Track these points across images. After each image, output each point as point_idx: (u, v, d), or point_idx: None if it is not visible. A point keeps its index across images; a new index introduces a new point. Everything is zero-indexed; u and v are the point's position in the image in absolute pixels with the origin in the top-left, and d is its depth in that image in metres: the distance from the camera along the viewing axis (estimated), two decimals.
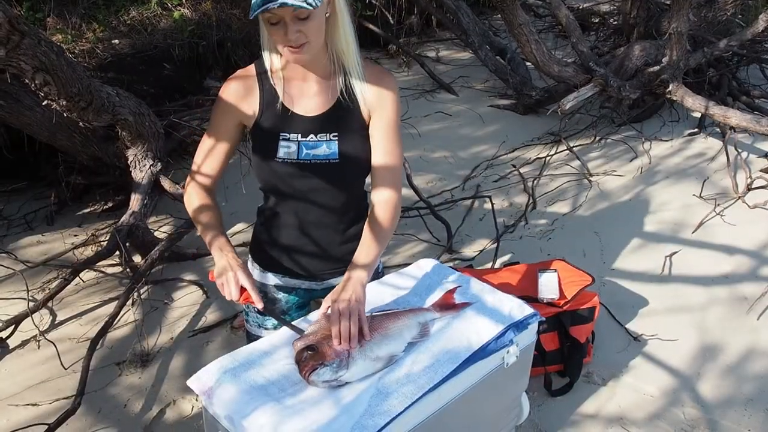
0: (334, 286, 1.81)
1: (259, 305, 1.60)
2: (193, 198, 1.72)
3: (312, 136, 1.63)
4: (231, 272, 1.58)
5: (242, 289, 1.60)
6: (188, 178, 1.76)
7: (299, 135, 1.63)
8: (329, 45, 1.58)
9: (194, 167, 1.74)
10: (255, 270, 1.88)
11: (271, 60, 1.62)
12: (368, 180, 1.74)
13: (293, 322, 1.65)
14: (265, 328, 1.88)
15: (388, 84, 1.65)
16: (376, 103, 1.64)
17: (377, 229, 1.65)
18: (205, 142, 1.71)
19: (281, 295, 1.87)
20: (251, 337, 1.92)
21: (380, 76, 1.65)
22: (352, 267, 1.60)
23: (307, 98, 1.64)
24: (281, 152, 1.63)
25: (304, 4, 1.38)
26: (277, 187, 1.70)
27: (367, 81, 1.63)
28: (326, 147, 1.63)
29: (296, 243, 1.78)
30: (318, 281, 1.84)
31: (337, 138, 1.64)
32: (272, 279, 1.86)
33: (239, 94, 1.65)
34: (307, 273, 1.82)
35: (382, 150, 1.66)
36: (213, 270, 1.63)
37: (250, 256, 1.91)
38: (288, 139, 1.63)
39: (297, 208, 1.73)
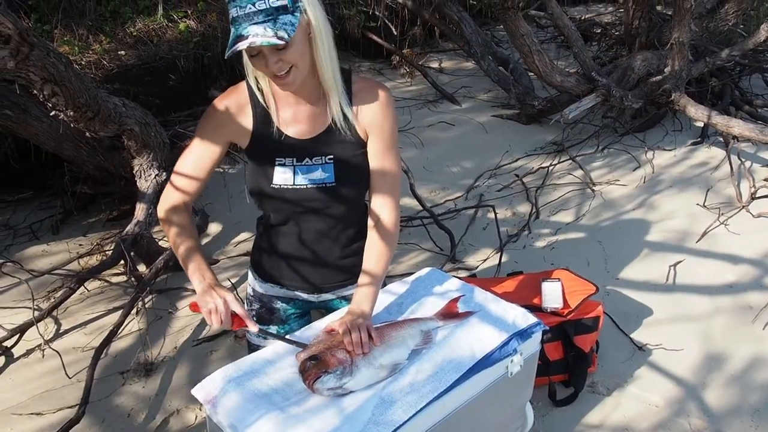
0: (332, 299, 1.84)
1: (254, 329, 1.56)
2: (171, 215, 1.67)
3: (307, 159, 1.61)
4: (220, 299, 1.53)
5: (233, 315, 1.55)
6: (167, 191, 1.69)
7: (294, 159, 1.61)
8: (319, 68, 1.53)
9: (176, 179, 1.68)
10: (254, 280, 1.89)
11: (259, 84, 1.59)
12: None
13: (294, 334, 1.66)
14: (265, 338, 1.89)
15: (382, 98, 1.62)
16: (372, 119, 1.61)
17: (379, 247, 1.65)
18: (192, 156, 1.65)
19: (280, 305, 1.88)
20: (252, 347, 1.92)
21: (373, 91, 1.62)
22: (359, 285, 1.62)
23: (301, 121, 1.61)
24: (277, 178, 1.61)
25: (275, 40, 1.35)
26: (275, 209, 1.70)
27: (359, 98, 1.60)
28: (322, 171, 1.62)
29: (295, 256, 1.78)
30: (316, 294, 1.84)
31: (332, 161, 1.62)
32: (271, 289, 1.86)
33: (232, 112, 1.62)
34: (306, 285, 1.82)
35: (380, 169, 1.65)
36: (194, 299, 1.58)
37: (250, 265, 1.91)
38: (284, 164, 1.61)
39: (295, 226, 1.72)
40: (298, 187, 1.62)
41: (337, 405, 1.39)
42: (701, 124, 4.99)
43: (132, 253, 3.20)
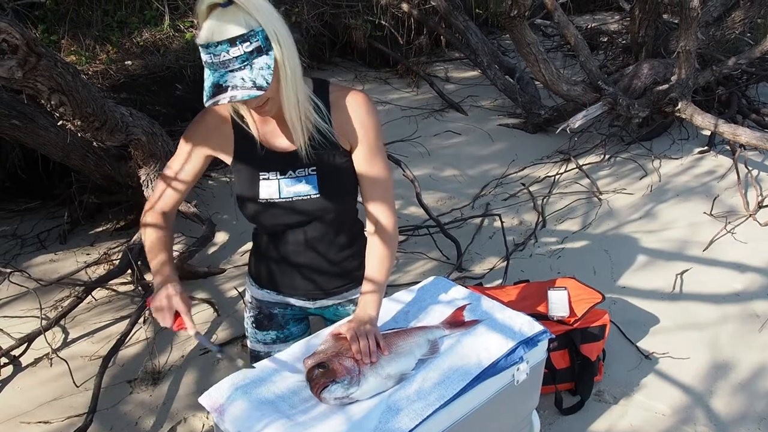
0: (329, 306, 1.85)
1: (191, 331, 1.55)
2: (149, 219, 1.70)
3: (291, 172, 1.61)
4: (166, 300, 1.53)
5: (177, 316, 1.54)
6: (151, 197, 1.73)
7: (278, 173, 1.62)
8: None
9: (159, 188, 1.71)
10: (251, 286, 1.90)
11: (238, 109, 1.59)
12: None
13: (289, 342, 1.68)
14: (264, 343, 1.91)
15: (361, 105, 1.60)
16: (353, 128, 1.60)
17: (380, 252, 1.66)
18: (174, 167, 1.68)
19: (277, 310, 1.89)
20: (252, 353, 1.94)
21: (351, 100, 1.59)
22: (363, 292, 1.63)
23: (281, 135, 1.61)
24: (263, 193, 1.62)
25: (254, 92, 1.34)
26: (265, 223, 1.71)
27: (337, 108, 1.59)
28: (305, 183, 1.62)
29: (288, 264, 1.78)
30: (311, 300, 1.85)
31: (315, 172, 1.62)
32: (267, 296, 1.87)
33: (214, 127, 1.63)
34: (300, 292, 1.83)
35: (370, 176, 1.64)
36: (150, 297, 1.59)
37: (247, 272, 1.93)
38: (267, 178, 1.62)
39: (286, 236, 1.73)
40: (284, 199, 1.63)
41: (344, 413, 1.39)
42: (708, 133, 4.99)
43: (139, 263, 3.22)
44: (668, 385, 2.68)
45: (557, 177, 4.58)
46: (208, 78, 1.37)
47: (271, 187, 1.62)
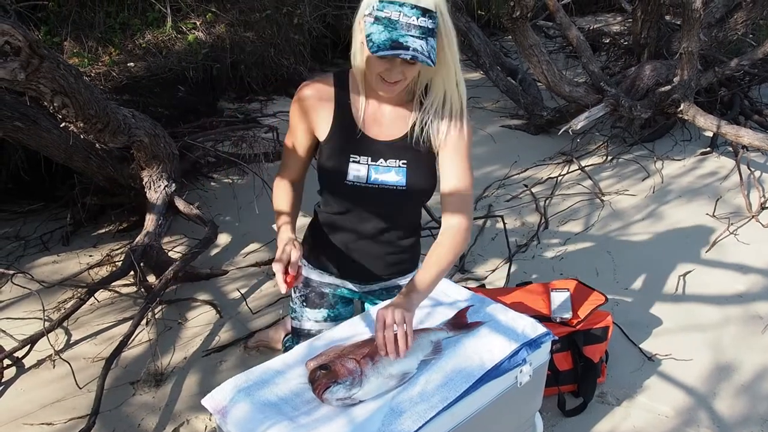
0: (376, 290, 1.92)
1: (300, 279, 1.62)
2: (278, 188, 1.82)
3: (381, 161, 1.66)
4: (282, 260, 1.59)
5: (288, 273, 1.58)
6: (278, 172, 1.85)
7: (369, 158, 1.66)
8: (421, 81, 1.61)
9: (282, 165, 1.84)
10: (305, 266, 1.94)
11: (356, 77, 1.64)
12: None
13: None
14: (316, 321, 1.95)
15: (460, 114, 1.66)
16: (449, 134, 1.65)
17: (443, 255, 1.68)
18: (287, 144, 1.78)
19: (328, 290, 1.94)
20: (299, 332, 1.98)
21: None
22: (409, 286, 1.61)
23: (381, 123, 1.66)
24: (351, 175, 1.66)
25: (429, 62, 1.41)
26: (341, 204, 1.76)
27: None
28: (395, 173, 1.66)
29: (347, 249, 1.83)
30: (363, 284, 1.91)
31: (406, 166, 1.66)
32: (321, 276, 1.93)
33: (314, 102, 1.67)
34: (355, 277, 1.89)
35: (453, 178, 1.68)
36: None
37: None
38: (358, 162, 1.65)
39: (355, 221, 1.77)
40: (370, 185, 1.66)
41: (347, 415, 1.39)
42: (710, 134, 4.99)
43: (142, 264, 3.22)
44: (671, 386, 2.67)
45: (560, 178, 4.58)
46: (381, 32, 1.41)
47: (360, 171, 1.66)
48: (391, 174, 1.66)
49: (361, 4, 1.50)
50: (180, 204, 3.55)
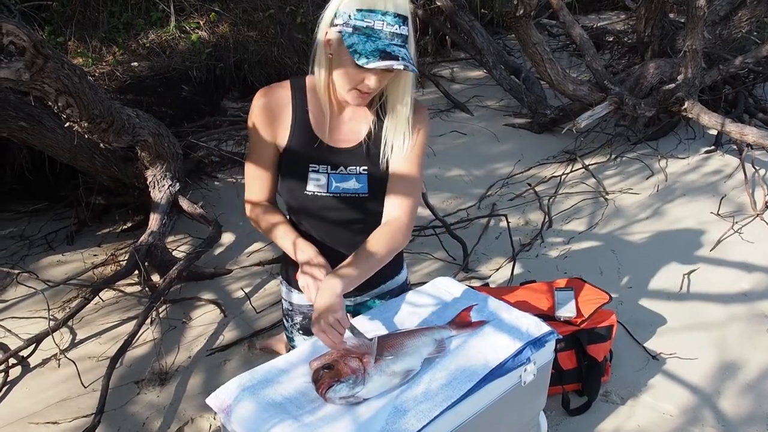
0: (366, 300, 1.86)
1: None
2: (255, 214, 1.71)
3: (342, 168, 1.62)
4: (312, 280, 1.55)
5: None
6: (245, 194, 1.72)
7: (329, 167, 1.61)
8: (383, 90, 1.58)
9: (247, 183, 1.70)
10: (289, 292, 1.89)
11: (317, 85, 1.57)
12: None
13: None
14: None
15: (420, 119, 1.64)
16: (401, 135, 1.62)
17: (373, 248, 1.59)
18: (252, 163, 1.68)
19: (307, 310, 1.89)
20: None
21: (415, 112, 1.62)
22: (331, 274, 1.53)
23: (340, 130, 1.62)
24: (311, 185, 1.62)
25: (415, 69, 1.41)
26: (305, 215, 1.71)
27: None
28: (356, 181, 1.62)
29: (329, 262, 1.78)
30: (352, 297, 1.86)
31: (366, 172, 1.63)
32: (296, 297, 1.87)
33: (273, 108, 1.61)
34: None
35: (399, 174, 1.64)
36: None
37: (281, 279, 1.92)
38: (317, 171, 1.61)
39: (322, 232, 1.72)
40: (332, 194, 1.63)
41: (351, 414, 1.39)
42: (715, 132, 4.97)
43: (146, 263, 3.23)
44: (675, 385, 2.67)
45: (563, 177, 4.57)
46: (365, 43, 1.39)
47: (320, 180, 1.62)
48: (352, 182, 1.62)
49: (324, 15, 1.47)
50: (184, 203, 3.56)
